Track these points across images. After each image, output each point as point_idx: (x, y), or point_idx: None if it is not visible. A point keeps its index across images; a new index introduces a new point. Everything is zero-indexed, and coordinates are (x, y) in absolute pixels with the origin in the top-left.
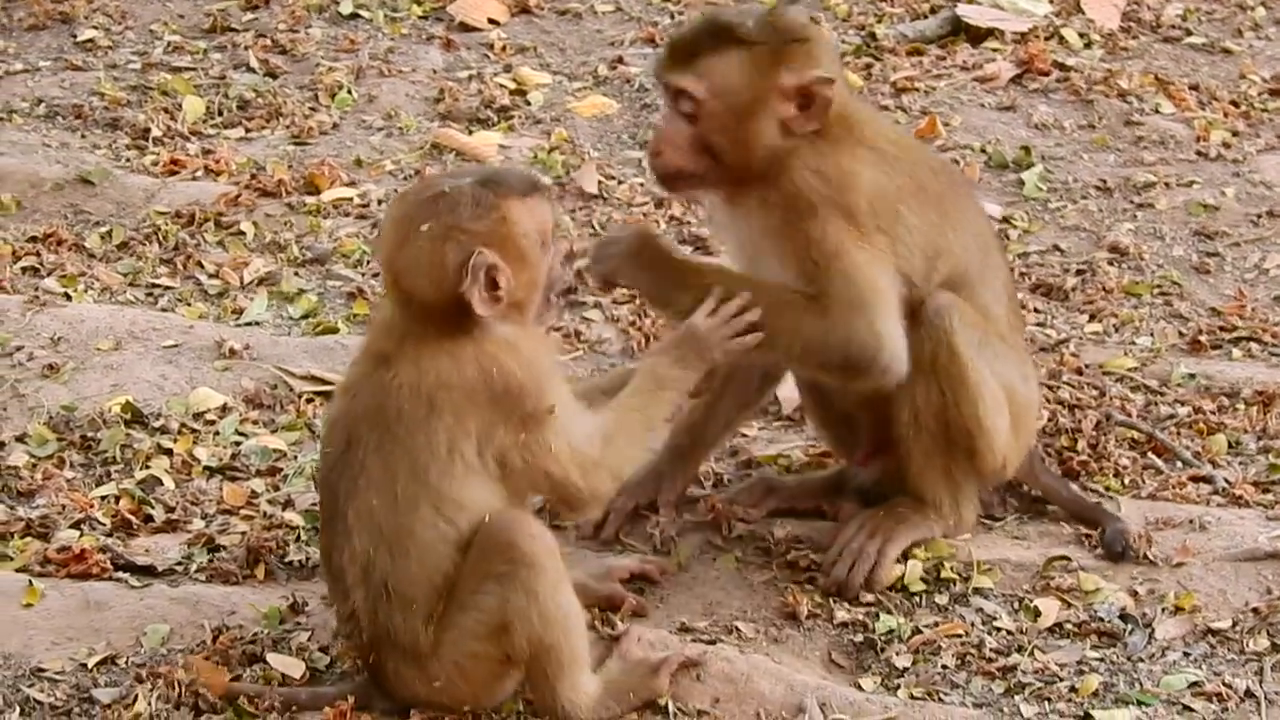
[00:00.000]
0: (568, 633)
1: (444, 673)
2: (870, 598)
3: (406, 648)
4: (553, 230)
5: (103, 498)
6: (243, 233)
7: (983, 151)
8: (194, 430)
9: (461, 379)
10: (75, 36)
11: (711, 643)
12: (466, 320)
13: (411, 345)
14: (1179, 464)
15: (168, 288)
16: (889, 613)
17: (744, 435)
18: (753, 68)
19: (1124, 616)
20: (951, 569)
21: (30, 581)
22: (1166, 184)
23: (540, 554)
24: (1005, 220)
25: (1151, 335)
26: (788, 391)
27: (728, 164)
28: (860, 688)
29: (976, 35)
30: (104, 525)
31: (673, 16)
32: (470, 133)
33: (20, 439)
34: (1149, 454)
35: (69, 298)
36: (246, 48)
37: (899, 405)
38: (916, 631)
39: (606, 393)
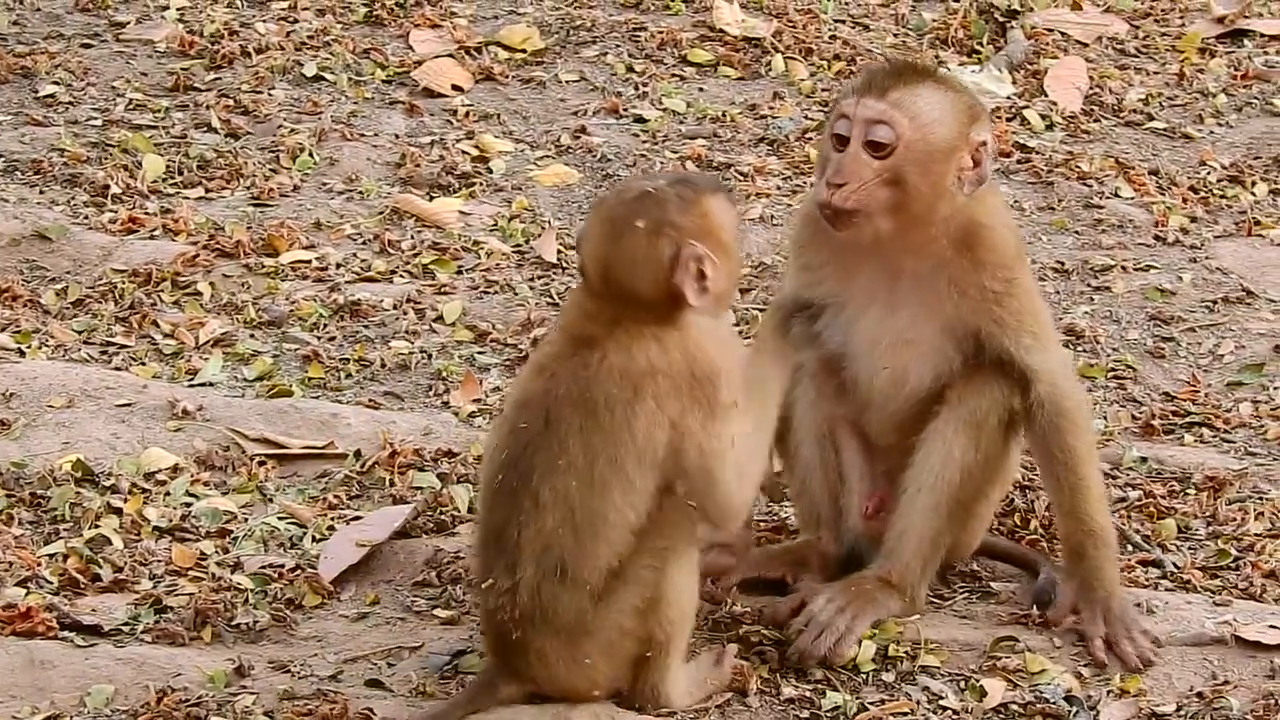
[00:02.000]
0: (690, 618)
1: (595, 649)
2: (819, 675)
3: (563, 625)
4: (741, 231)
5: (50, 556)
6: (199, 293)
7: None
8: (144, 490)
9: (669, 365)
10: (36, 92)
11: (659, 716)
12: (673, 311)
13: (621, 332)
14: (1129, 547)
15: (122, 346)
16: (835, 689)
17: None
18: (954, 110)
19: (1069, 698)
20: (899, 647)
21: None
22: (1124, 268)
23: (693, 534)
24: None
25: (1105, 418)
26: None
27: (911, 205)
28: None
29: None
30: (51, 584)
31: (637, 88)
32: (431, 199)
33: None
34: None
35: (23, 354)
36: (209, 107)
37: (929, 449)
38: (863, 709)
39: None
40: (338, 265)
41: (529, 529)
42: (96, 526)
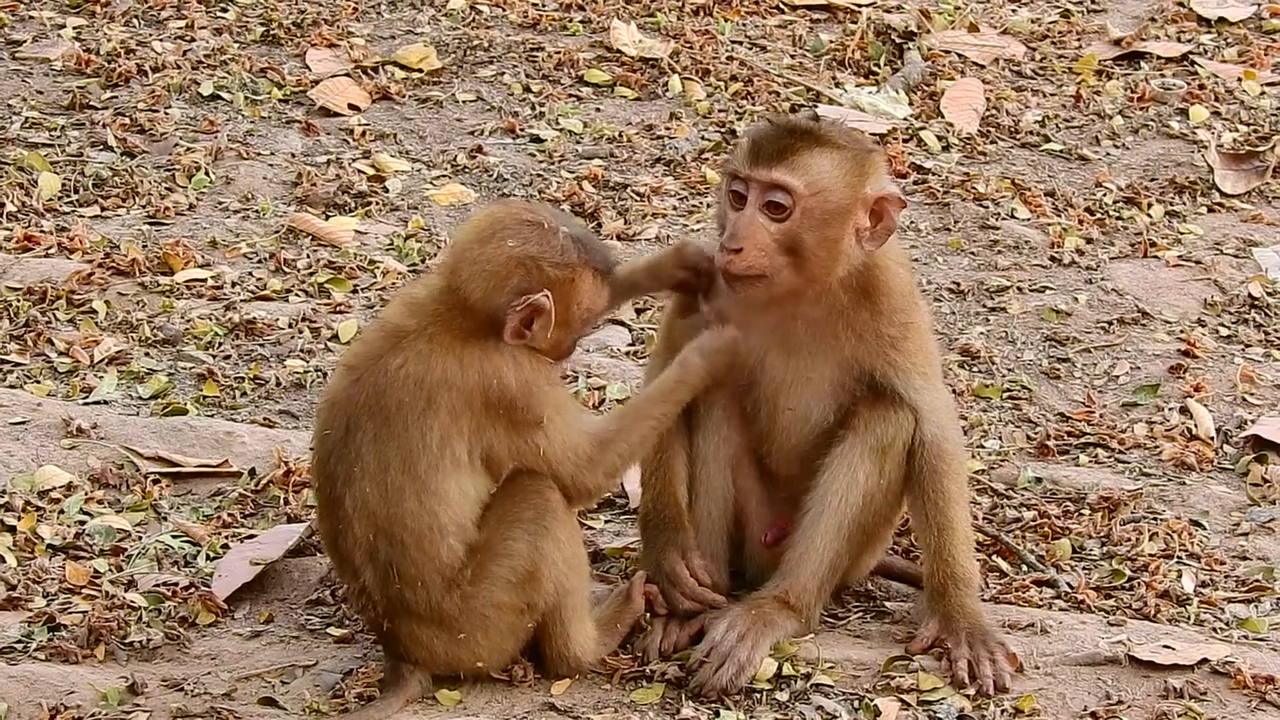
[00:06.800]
0: (584, 578)
1: (468, 627)
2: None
3: (424, 613)
4: (597, 315)
5: None
6: (94, 311)
7: None
8: (38, 508)
9: (463, 381)
10: None
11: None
12: (485, 331)
13: (427, 336)
14: (1023, 567)
15: (17, 364)
16: (729, 709)
17: (590, 528)
18: (845, 171)
19: (962, 718)
20: (794, 666)
21: None
22: (1019, 289)
23: (560, 503)
24: None
25: (1000, 439)
26: (636, 485)
27: (809, 267)
28: None
29: None
30: None
31: (534, 108)
32: (327, 218)
33: None
34: (994, 556)
35: None
36: (105, 126)
37: (834, 473)
38: None
39: None
40: (233, 284)
41: (347, 538)
42: None
